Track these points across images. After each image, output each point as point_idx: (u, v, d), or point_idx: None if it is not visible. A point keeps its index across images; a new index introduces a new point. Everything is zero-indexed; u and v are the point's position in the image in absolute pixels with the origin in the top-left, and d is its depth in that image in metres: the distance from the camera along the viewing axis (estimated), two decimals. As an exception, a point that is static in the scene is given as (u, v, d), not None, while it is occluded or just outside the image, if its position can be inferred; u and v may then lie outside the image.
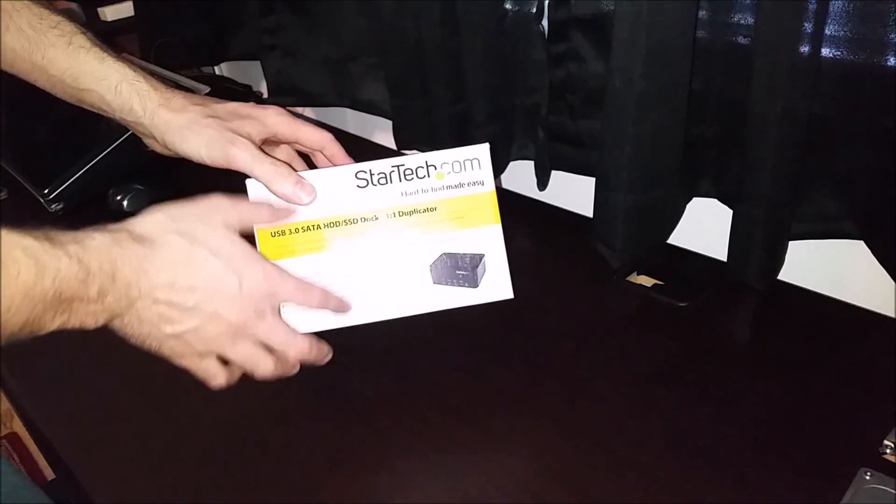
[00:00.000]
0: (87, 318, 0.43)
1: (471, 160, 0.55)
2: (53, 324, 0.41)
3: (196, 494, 0.52)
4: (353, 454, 0.54)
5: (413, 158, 0.54)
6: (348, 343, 0.54)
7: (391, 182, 0.54)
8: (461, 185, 0.55)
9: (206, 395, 0.51)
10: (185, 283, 0.46)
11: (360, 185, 0.54)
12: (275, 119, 0.56)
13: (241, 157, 0.52)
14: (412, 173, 0.54)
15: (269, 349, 0.50)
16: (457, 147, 0.56)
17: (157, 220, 0.47)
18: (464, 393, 0.59)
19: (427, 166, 0.55)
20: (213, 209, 0.49)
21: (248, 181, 0.52)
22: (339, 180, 0.54)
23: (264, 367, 0.50)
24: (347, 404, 0.58)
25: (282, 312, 0.52)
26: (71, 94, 0.57)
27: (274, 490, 0.52)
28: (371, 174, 0.54)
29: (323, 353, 0.53)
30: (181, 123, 0.54)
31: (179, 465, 0.55)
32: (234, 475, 0.53)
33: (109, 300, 0.43)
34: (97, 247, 0.43)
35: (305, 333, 0.52)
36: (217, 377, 0.50)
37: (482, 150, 0.55)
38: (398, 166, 0.54)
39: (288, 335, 0.51)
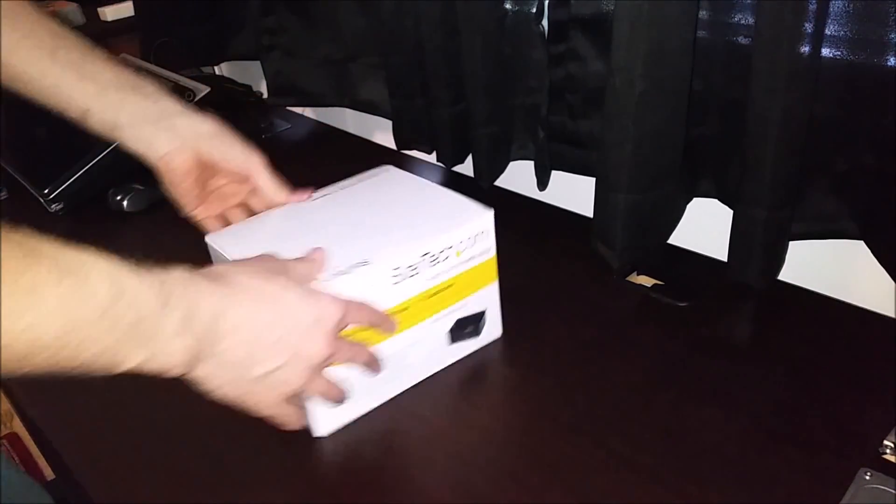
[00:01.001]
0: (170, 357, 0.41)
1: (479, 233, 0.57)
2: (135, 358, 0.39)
3: (196, 494, 0.52)
4: (353, 454, 0.54)
5: (436, 242, 0.54)
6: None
7: (420, 272, 0.54)
8: (473, 258, 0.58)
9: (207, 396, 0.51)
10: (267, 317, 0.46)
11: (395, 282, 0.53)
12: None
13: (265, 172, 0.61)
14: (435, 259, 0.55)
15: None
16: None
17: (224, 267, 0.48)
18: (463, 392, 0.59)
19: (448, 249, 0.55)
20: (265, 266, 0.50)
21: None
22: (376, 279, 0.52)
23: (336, 396, 0.53)
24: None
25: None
26: (107, 105, 0.58)
27: (274, 490, 0.52)
28: (403, 268, 0.53)
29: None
30: (217, 130, 0.60)
31: (179, 464, 0.55)
32: (235, 475, 0.53)
33: (196, 331, 0.42)
34: (177, 276, 0.42)
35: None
36: (297, 420, 0.52)
37: (488, 220, 0.57)
38: (426, 254, 0.54)
39: (354, 347, 0.52)
